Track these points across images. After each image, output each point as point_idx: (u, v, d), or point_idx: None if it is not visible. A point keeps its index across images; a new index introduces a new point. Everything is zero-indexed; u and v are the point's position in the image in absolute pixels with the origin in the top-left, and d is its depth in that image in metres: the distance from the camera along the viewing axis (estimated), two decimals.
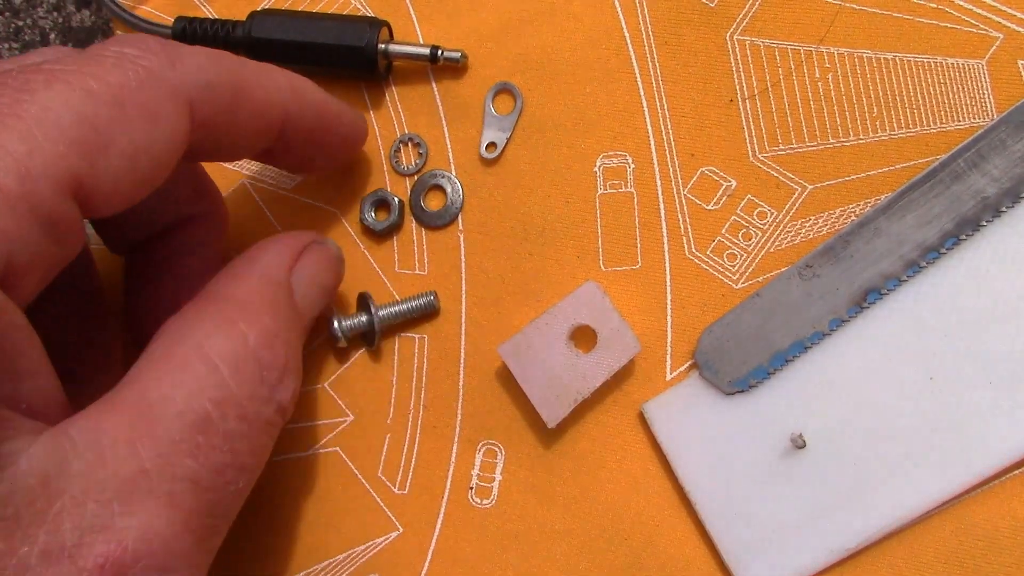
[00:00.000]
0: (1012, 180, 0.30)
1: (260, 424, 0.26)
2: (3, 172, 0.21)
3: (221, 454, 0.25)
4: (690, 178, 0.34)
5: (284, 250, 0.31)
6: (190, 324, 0.27)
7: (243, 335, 0.26)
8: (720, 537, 0.31)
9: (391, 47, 0.36)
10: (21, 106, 0.22)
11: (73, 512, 0.22)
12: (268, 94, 0.29)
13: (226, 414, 0.25)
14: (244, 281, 0.29)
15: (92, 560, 0.22)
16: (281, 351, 0.27)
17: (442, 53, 0.36)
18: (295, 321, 0.29)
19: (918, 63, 0.32)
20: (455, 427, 0.34)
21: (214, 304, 0.27)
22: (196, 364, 0.25)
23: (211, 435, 0.25)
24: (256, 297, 0.28)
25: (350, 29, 0.36)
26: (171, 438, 0.24)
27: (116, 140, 0.23)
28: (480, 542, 0.33)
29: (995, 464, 0.29)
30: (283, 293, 0.29)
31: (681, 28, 0.34)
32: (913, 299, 0.31)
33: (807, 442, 0.31)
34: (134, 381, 0.25)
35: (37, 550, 0.21)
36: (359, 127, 0.35)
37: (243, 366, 0.26)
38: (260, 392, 0.26)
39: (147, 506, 0.23)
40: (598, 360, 0.32)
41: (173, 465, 0.23)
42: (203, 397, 0.25)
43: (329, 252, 0.33)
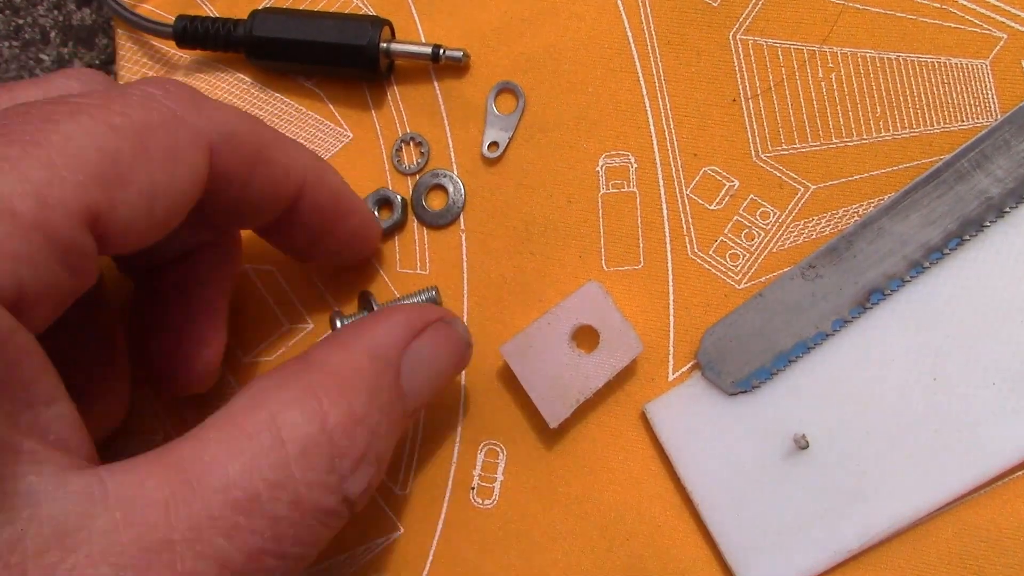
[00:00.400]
0: (1016, 180, 0.30)
1: (316, 514, 0.24)
2: (21, 198, 0.21)
3: (261, 540, 0.23)
4: (693, 178, 0.34)
5: (402, 324, 0.28)
6: (272, 388, 0.25)
7: (323, 414, 0.24)
8: (722, 538, 0.31)
9: (393, 46, 0.36)
10: (44, 135, 0.22)
11: (84, 573, 0.20)
12: (288, 160, 0.29)
13: (277, 497, 0.23)
14: (346, 352, 0.26)
15: None
16: (363, 439, 0.25)
17: (444, 52, 0.36)
18: (394, 407, 0.27)
19: (921, 63, 0.32)
20: (457, 427, 0.34)
21: (305, 371, 0.25)
22: (262, 436, 0.23)
23: (254, 517, 0.22)
24: (353, 373, 0.26)
25: (352, 28, 0.35)
26: (209, 512, 0.22)
27: (136, 176, 0.23)
28: (482, 542, 0.33)
29: (998, 465, 0.29)
30: (388, 373, 0.27)
31: (684, 27, 0.34)
32: (916, 300, 0.31)
33: (810, 443, 0.31)
34: (193, 438, 0.23)
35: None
36: (372, 227, 0.34)
37: (313, 449, 0.24)
38: (326, 480, 0.24)
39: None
40: (600, 360, 0.32)
41: (203, 542, 0.22)
42: (257, 475, 0.23)
43: (455, 334, 0.30)
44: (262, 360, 0.36)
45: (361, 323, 0.28)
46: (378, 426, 0.26)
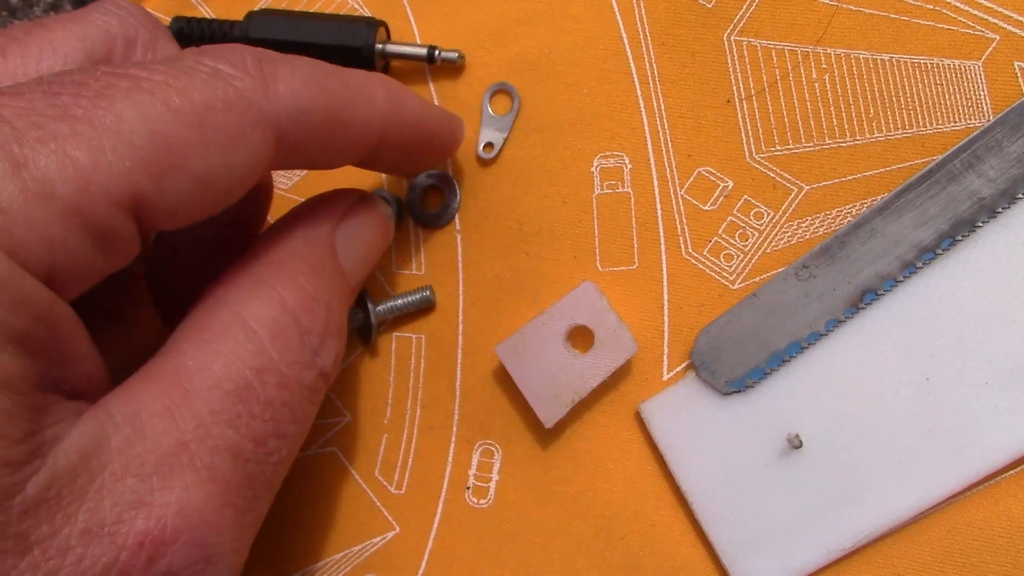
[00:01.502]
0: (1008, 181, 0.30)
1: (301, 390, 0.26)
2: (62, 181, 0.20)
3: (262, 423, 0.24)
4: (687, 178, 0.34)
5: (327, 209, 0.29)
6: (227, 290, 0.26)
7: (281, 299, 0.26)
8: (717, 537, 0.31)
9: (388, 47, 0.36)
10: (96, 112, 0.21)
11: (113, 489, 0.22)
12: (366, 114, 0.28)
13: (266, 382, 0.25)
14: (283, 243, 0.28)
15: (132, 538, 0.21)
16: (321, 315, 0.27)
17: (439, 53, 0.36)
18: (338, 283, 0.28)
19: (915, 64, 0.32)
20: (452, 427, 0.34)
21: (251, 268, 0.26)
22: (234, 331, 0.24)
23: (251, 404, 0.24)
24: (295, 259, 0.27)
25: (347, 29, 0.36)
26: (210, 408, 0.23)
27: (189, 162, 0.23)
28: (477, 542, 0.34)
29: (991, 464, 0.30)
30: (325, 254, 0.28)
31: (678, 28, 0.34)
32: (909, 300, 0.31)
33: (803, 442, 0.31)
34: (171, 351, 0.24)
35: (78, 529, 0.21)
36: (457, 133, 0.34)
37: (282, 332, 0.25)
38: (301, 357, 0.26)
39: (186, 480, 0.22)
40: (595, 360, 0.32)
41: (213, 436, 0.23)
42: (242, 365, 0.24)
43: (377, 211, 0.31)
44: None
45: (288, 217, 0.29)
46: (330, 301, 0.27)
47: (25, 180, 0.20)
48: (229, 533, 0.23)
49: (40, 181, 0.20)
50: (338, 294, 0.28)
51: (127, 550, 0.21)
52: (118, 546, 0.21)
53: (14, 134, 0.20)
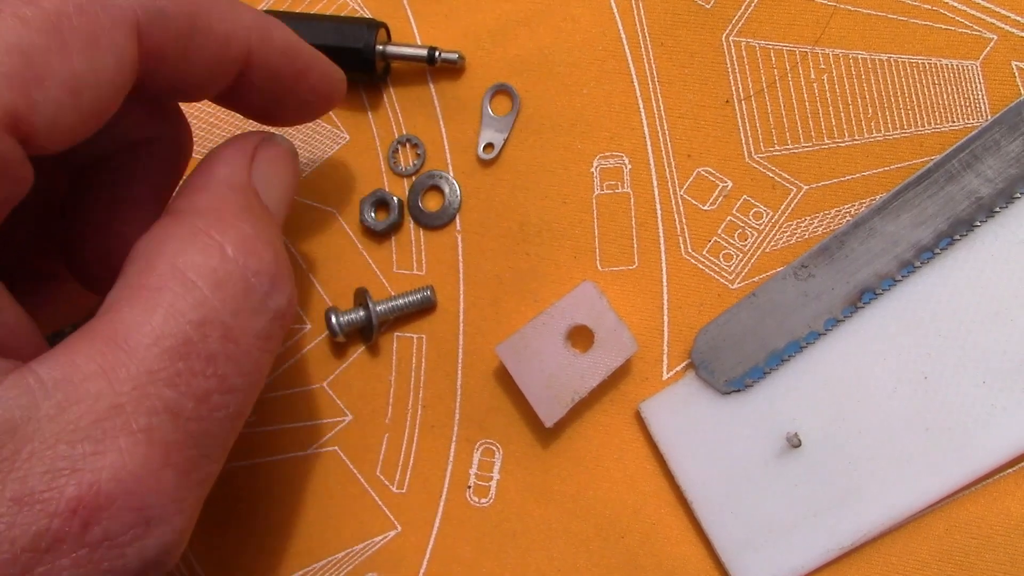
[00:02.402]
0: (1005, 181, 0.30)
1: (251, 340, 0.25)
2: None
3: (204, 379, 0.23)
4: (686, 179, 0.34)
5: (237, 154, 0.29)
6: (160, 244, 0.25)
7: (220, 247, 0.25)
8: (716, 535, 0.31)
9: (389, 48, 0.36)
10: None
11: (43, 456, 0.21)
12: (229, 27, 0.27)
13: (208, 335, 0.24)
14: (207, 191, 0.27)
15: (64, 504, 0.21)
16: (267, 255, 0.26)
17: (439, 54, 0.36)
18: (271, 222, 0.28)
19: (913, 64, 0.32)
20: (453, 426, 0.35)
21: (181, 219, 0.25)
22: (172, 285, 0.24)
23: (192, 360, 0.23)
24: (224, 205, 0.26)
25: (348, 31, 0.36)
26: (147, 368, 0.22)
27: (54, 71, 0.22)
28: (478, 541, 0.34)
29: (988, 463, 0.30)
30: (251, 196, 0.28)
31: (677, 29, 0.35)
32: (907, 299, 0.31)
33: (802, 441, 0.31)
34: (107, 310, 0.23)
35: (6, 498, 0.21)
36: (334, 79, 0.32)
37: (225, 280, 0.24)
38: (248, 304, 0.25)
39: (120, 444, 0.22)
40: (595, 360, 0.32)
41: (150, 397, 0.22)
42: (182, 320, 0.23)
43: (281, 148, 0.31)
44: None
45: (200, 170, 0.28)
46: (271, 240, 0.26)
47: None
48: (171, 495, 0.23)
49: None
50: (275, 233, 0.27)
51: (59, 517, 0.21)
52: (49, 513, 0.21)
53: None
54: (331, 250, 0.37)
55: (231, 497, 0.35)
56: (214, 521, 0.35)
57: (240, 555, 0.35)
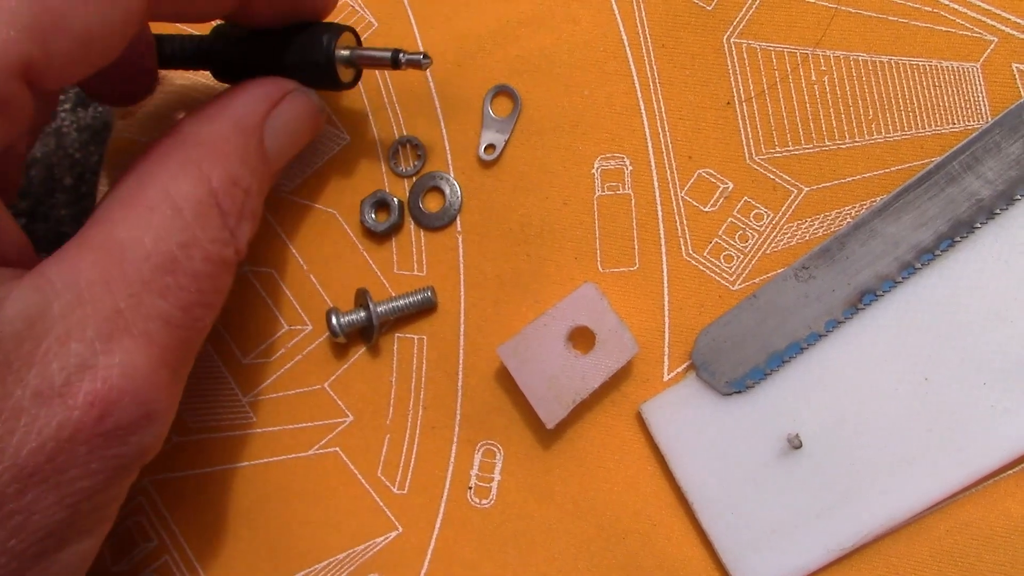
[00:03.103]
0: (1006, 183, 0.31)
1: (221, 264, 0.27)
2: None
3: (189, 293, 0.26)
4: (687, 180, 0.34)
5: (260, 95, 0.31)
6: (156, 165, 0.27)
7: (206, 179, 0.27)
8: (717, 536, 0.31)
9: (353, 53, 0.33)
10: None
11: (59, 352, 0.23)
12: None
13: (192, 255, 0.26)
14: (214, 123, 0.29)
15: (82, 398, 0.23)
16: (240, 197, 0.28)
17: (403, 57, 0.32)
18: (260, 168, 0.30)
19: (913, 66, 0.32)
20: (454, 427, 0.35)
21: (181, 146, 0.28)
22: (162, 207, 0.26)
23: (179, 276, 0.26)
24: (223, 141, 0.29)
25: (305, 43, 0.32)
26: (142, 279, 0.25)
27: (69, 20, 0.23)
28: (479, 542, 0.34)
29: (989, 464, 0.30)
30: (253, 139, 0.30)
31: (678, 31, 0.35)
32: (908, 300, 0.31)
33: (803, 442, 0.31)
34: (103, 222, 0.26)
35: (29, 392, 0.22)
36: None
37: (205, 211, 0.27)
38: (221, 235, 0.27)
39: (126, 344, 0.24)
40: (596, 361, 0.32)
41: (145, 305, 0.25)
42: (170, 240, 0.26)
43: (309, 102, 0.33)
44: (261, 361, 0.36)
45: (223, 97, 0.30)
46: (250, 187, 0.29)
47: None
48: (166, 391, 0.25)
49: None
50: (259, 179, 0.30)
51: (79, 409, 0.23)
52: (69, 406, 0.23)
53: None
54: (332, 251, 0.37)
55: (233, 498, 0.35)
56: (215, 522, 0.35)
57: (241, 556, 0.35)
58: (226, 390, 0.36)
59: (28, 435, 0.22)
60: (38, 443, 0.22)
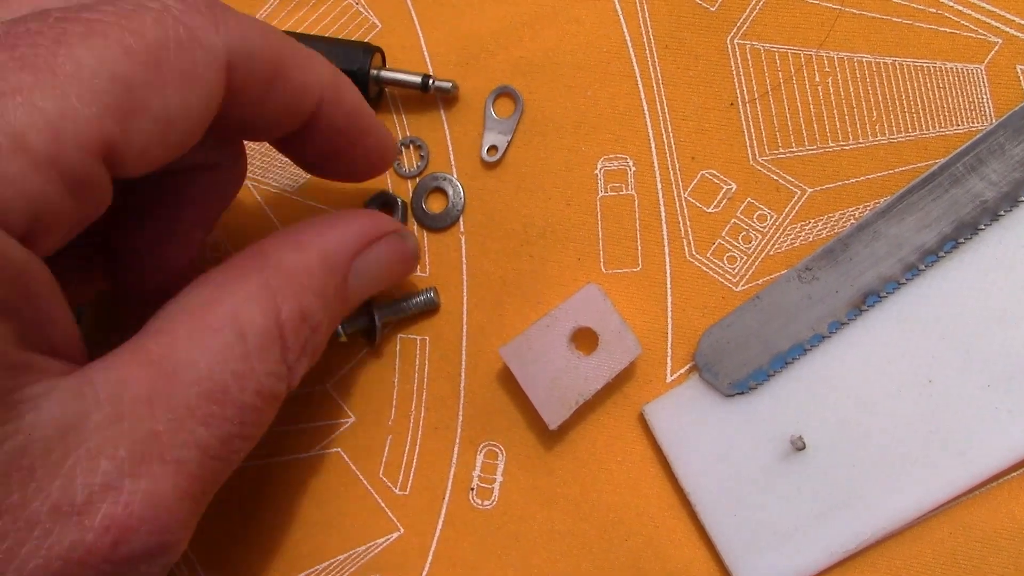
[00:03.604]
0: (1010, 184, 0.30)
1: (271, 399, 0.26)
2: (34, 132, 0.20)
3: (232, 425, 0.25)
4: (690, 181, 0.34)
5: (356, 231, 0.30)
6: (230, 284, 0.26)
7: (277, 311, 0.26)
8: (720, 538, 0.31)
9: (383, 74, 0.36)
10: (56, 61, 0.21)
11: (86, 468, 0.22)
12: (307, 77, 0.28)
13: (244, 387, 0.25)
14: (301, 253, 0.28)
15: (99, 520, 0.22)
16: (305, 335, 0.27)
17: (433, 83, 0.35)
18: (336, 306, 0.29)
19: (917, 67, 0.32)
20: (456, 428, 0.35)
21: (260, 269, 0.27)
22: (226, 332, 0.25)
23: (226, 406, 0.25)
24: (306, 273, 0.27)
25: (343, 53, 0.35)
26: (187, 404, 0.24)
27: (150, 103, 0.23)
28: (481, 543, 0.34)
29: (993, 466, 0.30)
30: (336, 277, 0.29)
31: (682, 32, 0.35)
32: (912, 302, 0.31)
33: (806, 444, 0.31)
34: (161, 333, 0.25)
35: (48, 505, 0.21)
36: (388, 148, 0.33)
37: (269, 343, 0.26)
38: (278, 370, 0.26)
39: (155, 470, 0.23)
40: (599, 362, 0.32)
41: (185, 431, 0.24)
42: (226, 368, 0.25)
43: (405, 248, 0.32)
44: None
45: (318, 223, 0.29)
46: (319, 324, 0.28)
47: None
48: (184, 523, 0.24)
49: (11, 135, 0.20)
50: (331, 317, 0.29)
51: (94, 532, 0.22)
52: (85, 527, 0.22)
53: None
54: None
55: (234, 498, 0.35)
56: (217, 522, 0.35)
57: (243, 556, 0.35)
58: None
59: (38, 550, 0.21)
60: (45, 560, 0.21)
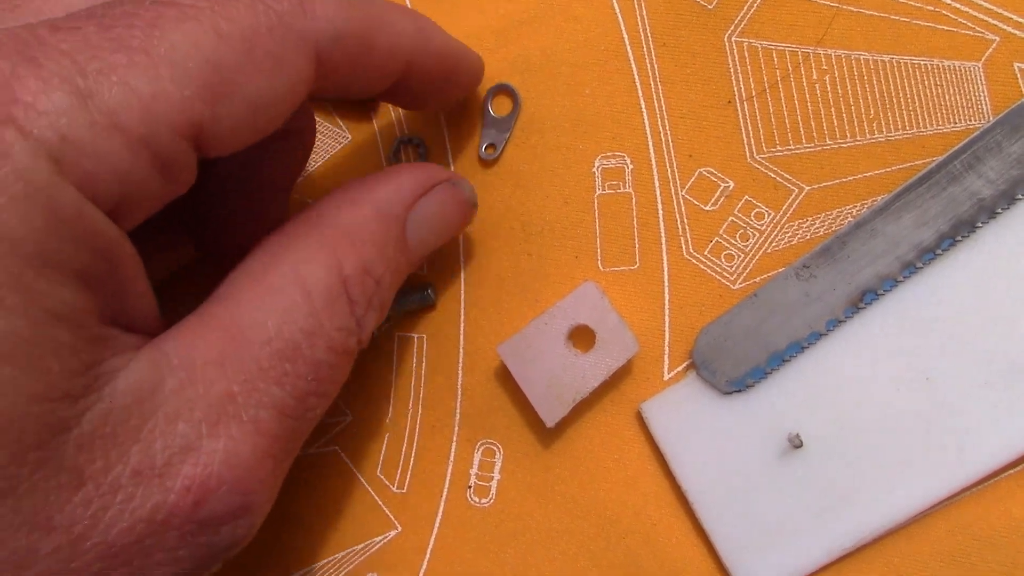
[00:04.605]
0: (1007, 182, 0.30)
1: (343, 355, 0.27)
2: (128, 113, 0.21)
3: (306, 383, 0.25)
4: (688, 179, 0.34)
5: (409, 183, 0.30)
6: (289, 245, 0.26)
7: (339, 266, 0.26)
8: (718, 536, 0.31)
9: None
10: (151, 43, 0.21)
11: (164, 431, 0.22)
12: (395, 40, 0.28)
13: (315, 344, 0.25)
14: (355, 208, 0.28)
15: (180, 481, 0.22)
16: (371, 287, 0.27)
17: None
18: (397, 259, 0.29)
19: (915, 65, 0.32)
20: (454, 426, 0.35)
21: (317, 228, 0.27)
22: (291, 290, 0.25)
23: (298, 364, 0.25)
24: (362, 227, 0.28)
25: None
26: (260, 364, 0.24)
27: (241, 86, 0.23)
28: (478, 541, 0.34)
29: (991, 464, 0.30)
30: (393, 228, 0.29)
31: (679, 30, 0.35)
32: (909, 300, 0.31)
33: (804, 442, 0.31)
34: (227, 298, 0.25)
35: (129, 469, 0.21)
36: (477, 69, 0.34)
37: (335, 298, 0.26)
38: (348, 324, 0.26)
39: (232, 431, 0.23)
40: (597, 360, 0.32)
41: (259, 391, 0.24)
42: (294, 326, 0.25)
43: (460, 194, 0.32)
44: None
45: (370, 179, 0.29)
46: (382, 277, 0.28)
47: (92, 113, 0.20)
48: (266, 483, 0.24)
49: (106, 113, 0.20)
50: (394, 271, 0.29)
51: (175, 493, 0.22)
52: (166, 489, 0.22)
53: (76, 67, 0.20)
54: None
55: None
56: None
57: (240, 554, 0.35)
58: None
59: (122, 513, 0.21)
60: (130, 523, 0.22)
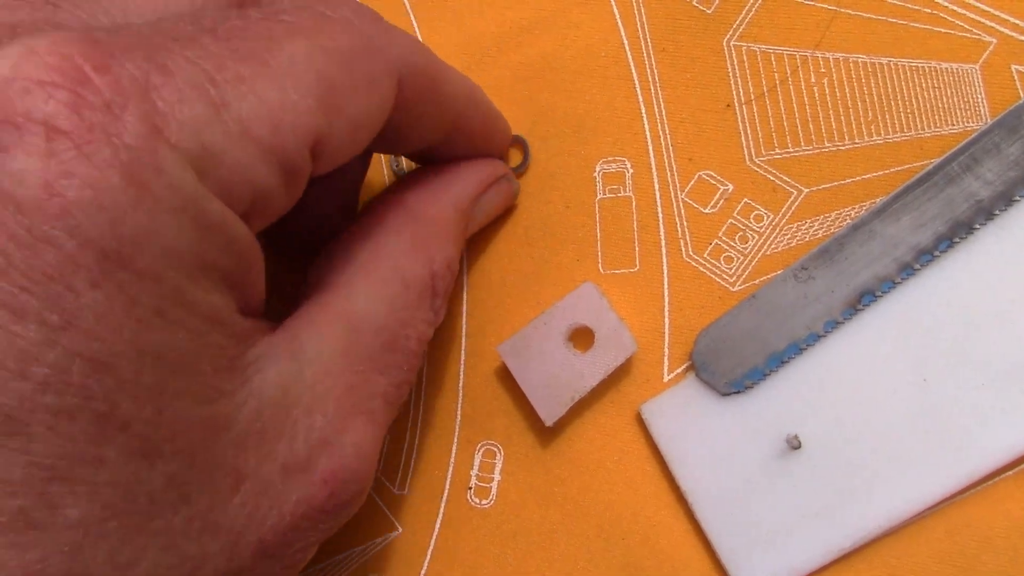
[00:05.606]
0: (1005, 184, 0.31)
1: (425, 344, 0.28)
2: (259, 123, 0.21)
3: (402, 372, 0.26)
4: (688, 182, 0.34)
5: (479, 179, 0.31)
6: (389, 239, 0.27)
7: (431, 263, 0.28)
8: (717, 537, 0.31)
9: None
10: (270, 54, 0.21)
11: (305, 425, 0.22)
12: (454, 89, 0.29)
13: (409, 335, 0.26)
14: (440, 203, 0.29)
15: (319, 475, 0.23)
16: (448, 281, 0.29)
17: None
18: (462, 249, 0.31)
19: (912, 67, 0.33)
20: (455, 428, 0.35)
21: (412, 223, 0.28)
22: (394, 283, 0.26)
23: (397, 354, 0.26)
24: (448, 225, 0.29)
25: None
26: (371, 355, 0.25)
27: (347, 103, 0.23)
28: (479, 542, 0.34)
29: (989, 464, 0.30)
30: (464, 223, 0.30)
31: (678, 35, 0.35)
32: (907, 302, 0.31)
33: (802, 443, 0.31)
34: (342, 287, 0.26)
35: (279, 465, 0.22)
36: (509, 136, 0.35)
37: (425, 292, 0.27)
38: (429, 316, 0.28)
39: (356, 423, 0.24)
40: (595, 359, 0.32)
41: (371, 382, 0.25)
42: (396, 318, 0.26)
43: (511, 190, 0.34)
44: None
45: (446, 172, 0.31)
46: (455, 268, 0.29)
47: (226, 122, 0.20)
48: (375, 469, 0.25)
49: (239, 122, 0.20)
50: (459, 260, 0.30)
51: (314, 486, 0.22)
52: (308, 483, 0.22)
53: (206, 76, 0.20)
54: None
55: None
56: None
57: None
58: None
59: (271, 509, 0.22)
60: (279, 518, 0.22)
